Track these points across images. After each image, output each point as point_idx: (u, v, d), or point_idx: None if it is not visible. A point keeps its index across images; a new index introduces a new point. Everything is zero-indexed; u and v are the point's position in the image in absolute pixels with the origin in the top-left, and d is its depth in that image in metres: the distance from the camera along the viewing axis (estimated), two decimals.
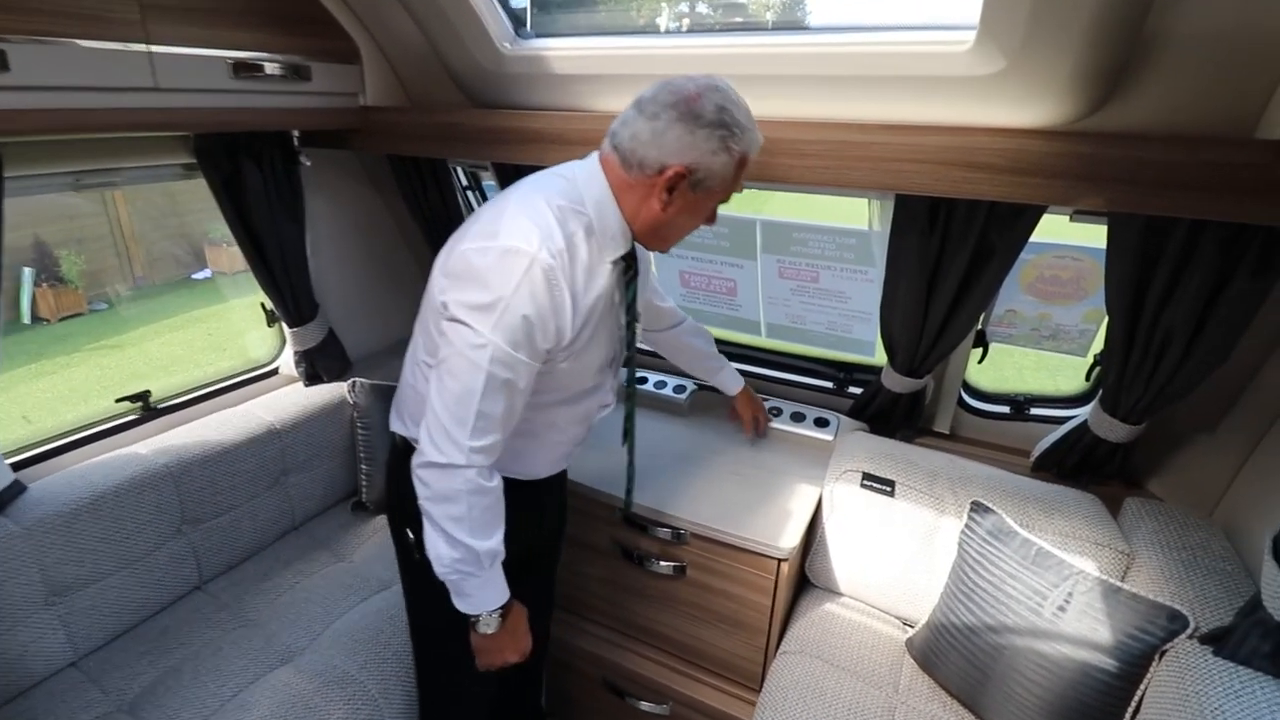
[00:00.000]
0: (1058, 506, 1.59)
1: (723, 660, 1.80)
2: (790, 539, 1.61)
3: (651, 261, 1.53)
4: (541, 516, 1.48)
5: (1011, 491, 1.65)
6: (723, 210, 1.22)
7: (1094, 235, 1.48)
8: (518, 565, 1.49)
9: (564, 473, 1.54)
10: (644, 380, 2.29)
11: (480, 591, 1.19)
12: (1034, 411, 1.95)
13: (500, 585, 1.22)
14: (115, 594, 1.65)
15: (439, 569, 1.15)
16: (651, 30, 1.67)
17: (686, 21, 1.70)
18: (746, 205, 1.93)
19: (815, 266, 2.00)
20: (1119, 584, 1.31)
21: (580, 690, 2.01)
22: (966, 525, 1.55)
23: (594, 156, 1.18)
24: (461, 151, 1.93)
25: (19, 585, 1.51)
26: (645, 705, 1.87)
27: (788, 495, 1.78)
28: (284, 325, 2.19)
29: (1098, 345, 1.73)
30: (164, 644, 1.66)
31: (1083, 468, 1.76)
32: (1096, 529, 1.53)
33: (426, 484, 1.12)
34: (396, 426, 1.33)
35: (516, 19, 1.72)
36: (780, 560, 1.60)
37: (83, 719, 1.46)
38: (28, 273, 5.41)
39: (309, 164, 2.03)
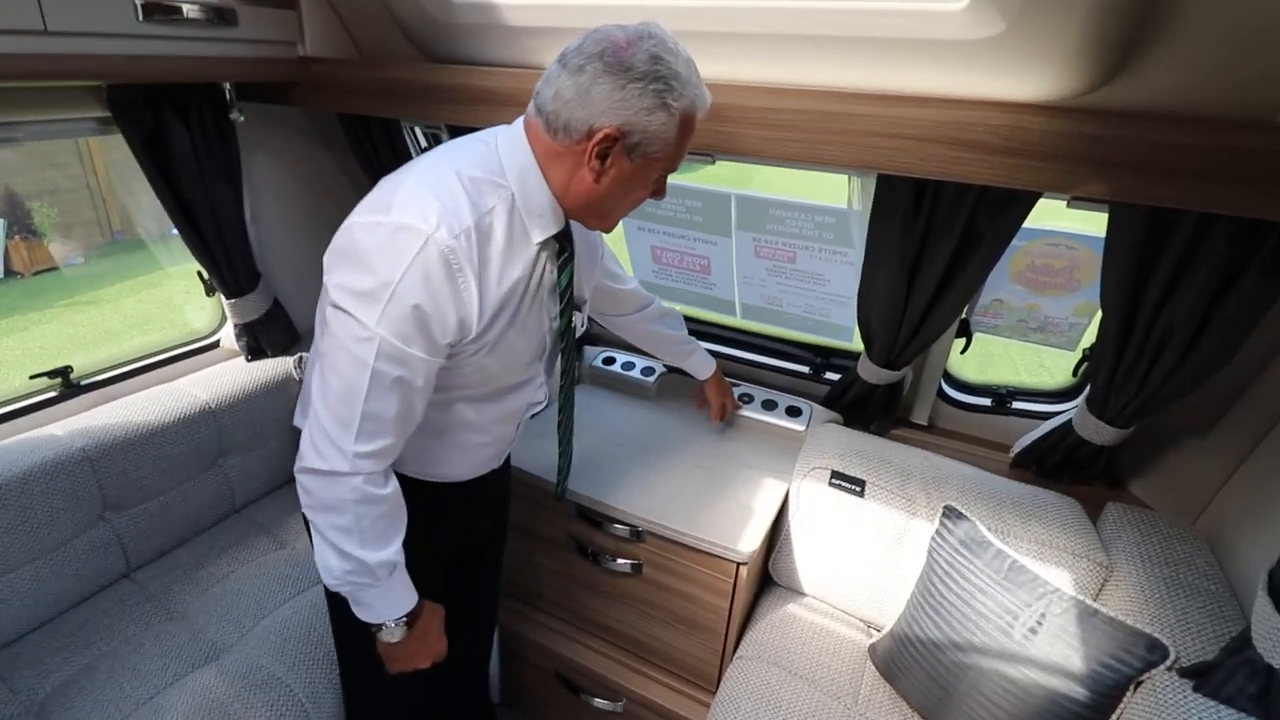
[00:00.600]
0: (1035, 512, 1.50)
1: (679, 660, 1.72)
2: (750, 542, 1.51)
3: (604, 241, 1.38)
4: (472, 518, 1.36)
5: (987, 494, 1.55)
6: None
7: (1092, 222, 1.35)
8: (450, 565, 1.37)
9: (505, 468, 1.42)
10: (611, 361, 2.17)
11: (380, 601, 1.08)
12: (1016, 405, 1.84)
13: (403, 592, 1.10)
14: (27, 587, 1.53)
15: (329, 580, 1.03)
16: None
17: None
18: (730, 179, 1.79)
19: (792, 246, 1.86)
20: (1096, 605, 1.22)
21: (533, 682, 1.93)
22: (938, 531, 1.45)
23: (520, 120, 1.02)
24: (410, 110, 1.75)
25: None
26: (599, 702, 1.80)
27: (752, 491, 1.68)
28: (222, 297, 2.04)
29: (1087, 339, 1.61)
30: (82, 638, 1.55)
31: (1064, 467, 1.67)
32: (1075, 538, 1.44)
33: (308, 491, 0.99)
34: (300, 422, 1.20)
35: None
36: (739, 564, 1.50)
37: None
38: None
39: (243, 120, 1.84)
